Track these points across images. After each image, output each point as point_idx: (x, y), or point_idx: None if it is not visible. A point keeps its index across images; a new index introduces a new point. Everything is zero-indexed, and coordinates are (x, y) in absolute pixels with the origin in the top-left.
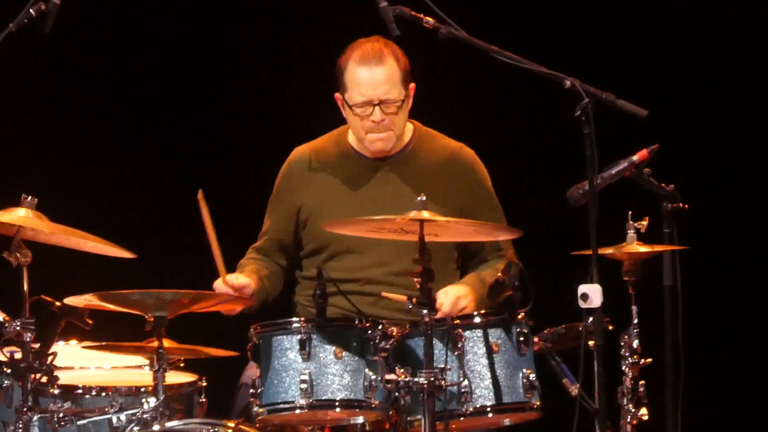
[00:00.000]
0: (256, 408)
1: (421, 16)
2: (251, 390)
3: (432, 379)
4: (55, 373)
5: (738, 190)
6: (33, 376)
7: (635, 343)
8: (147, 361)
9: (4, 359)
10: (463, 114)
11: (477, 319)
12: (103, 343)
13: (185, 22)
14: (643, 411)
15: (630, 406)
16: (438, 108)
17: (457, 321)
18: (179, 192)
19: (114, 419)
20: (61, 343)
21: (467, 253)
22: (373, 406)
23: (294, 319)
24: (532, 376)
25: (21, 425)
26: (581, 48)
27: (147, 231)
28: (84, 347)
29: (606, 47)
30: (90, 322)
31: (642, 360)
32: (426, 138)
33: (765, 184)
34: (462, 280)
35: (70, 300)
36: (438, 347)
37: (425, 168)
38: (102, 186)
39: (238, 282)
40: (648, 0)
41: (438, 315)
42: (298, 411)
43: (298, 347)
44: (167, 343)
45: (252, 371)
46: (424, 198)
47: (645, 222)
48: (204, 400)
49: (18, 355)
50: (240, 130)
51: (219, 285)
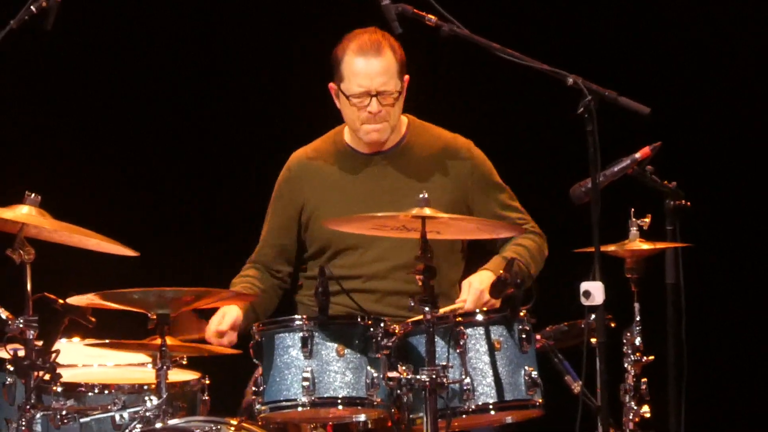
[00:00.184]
0: (258, 406)
1: (423, 13)
2: (253, 388)
3: (434, 377)
4: (58, 371)
5: (740, 187)
6: (36, 373)
7: (637, 341)
8: (150, 359)
9: (7, 357)
10: (466, 112)
11: (479, 317)
12: (106, 341)
13: (186, 20)
14: (646, 408)
15: (632, 403)
16: (440, 106)
17: (459, 318)
18: (181, 190)
19: (117, 417)
20: (64, 341)
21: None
22: (375, 403)
23: (296, 317)
24: (534, 373)
25: (24, 423)
26: (583, 46)
27: (149, 229)
28: (87, 345)
29: (608, 45)
30: (93, 319)
31: (644, 357)
32: (420, 130)
33: (767, 181)
34: (486, 265)
35: (73, 299)
36: (440, 345)
37: (421, 159)
38: (105, 184)
39: (222, 328)
40: None
41: (461, 311)
42: (300, 409)
43: (300, 345)
44: (170, 341)
45: None
46: (426, 195)
47: (648, 219)
48: (207, 397)
49: (21, 353)
50: (241, 128)
51: (210, 338)
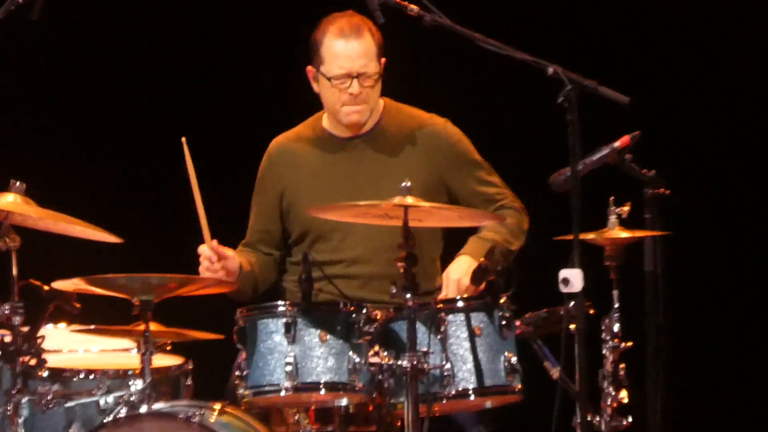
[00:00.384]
0: (241, 390)
1: (406, 3)
2: (236, 372)
3: (415, 363)
4: (44, 356)
5: (720, 175)
6: (22, 359)
7: (616, 327)
8: (134, 345)
9: None
10: (447, 101)
11: (460, 303)
12: (92, 327)
13: (181, 13)
14: (623, 394)
15: (610, 388)
16: (422, 95)
17: (440, 305)
18: (166, 177)
19: (101, 401)
20: (50, 327)
21: None
22: (357, 388)
23: (279, 303)
24: (513, 359)
25: (10, 407)
26: (564, 35)
27: (134, 216)
28: (72, 331)
29: (589, 35)
30: (78, 305)
31: (622, 343)
32: (395, 112)
33: (747, 169)
34: (463, 249)
35: (58, 284)
36: (421, 331)
37: (396, 139)
38: (90, 172)
39: (222, 250)
40: None
41: (441, 297)
42: (283, 393)
43: (283, 330)
44: (154, 327)
45: None
46: (408, 184)
47: (627, 207)
48: (190, 382)
49: (7, 339)
50: (225, 114)
51: (203, 249)
